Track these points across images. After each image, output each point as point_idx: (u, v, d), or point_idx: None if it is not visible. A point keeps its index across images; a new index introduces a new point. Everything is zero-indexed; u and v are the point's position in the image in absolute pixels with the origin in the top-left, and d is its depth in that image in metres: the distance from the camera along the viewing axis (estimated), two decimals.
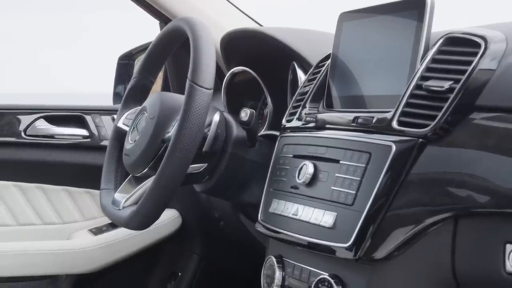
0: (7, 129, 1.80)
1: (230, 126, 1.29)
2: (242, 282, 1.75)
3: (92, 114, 1.84)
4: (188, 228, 1.82)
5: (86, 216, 1.83)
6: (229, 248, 1.74)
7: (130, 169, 1.29)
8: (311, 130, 1.14)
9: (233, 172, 1.28)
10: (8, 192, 1.76)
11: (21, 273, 1.69)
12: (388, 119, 0.97)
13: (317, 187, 1.05)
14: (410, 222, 0.93)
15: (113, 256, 1.75)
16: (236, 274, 1.78)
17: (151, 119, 1.24)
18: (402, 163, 0.93)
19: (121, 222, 1.24)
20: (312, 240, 1.02)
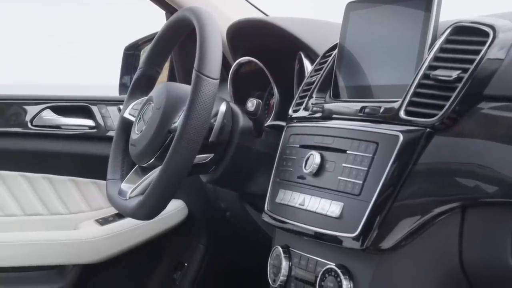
0: (14, 120, 1.80)
1: (237, 116, 1.29)
2: (248, 272, 1.75)
3: (98, 104, 1.84)
4: (194, 219, 1.82)
5: (92, 206, 1.83)
6: (235, 238, 1.74)
7: (136, 159, 1.29)
8: (318, 120, 1.13)
9: (240, 163, 1.28)
10: (14, 183, 1.76)
11: (27, 263, 1.69)
12: (396, 109, 0.97)
13: (324, 177, 1.05)
14: (418, 212, 0.93)
15: (119, 246, 1.76)
16: (242, 264, 1.78)
17: (157, 109, 1.24)
18: (410, 153, 0.93)
19: (128, 212, 1.24)
20: (319, 230, 1.02)
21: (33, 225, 1.77)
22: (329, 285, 1.00)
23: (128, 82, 1.87)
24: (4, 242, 1.67)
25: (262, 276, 1.27)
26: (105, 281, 1.83)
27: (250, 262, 1.74)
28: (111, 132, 1.81)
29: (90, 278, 1.80)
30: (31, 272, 1.73)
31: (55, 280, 1.74)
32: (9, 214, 1.76)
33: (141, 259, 1.84)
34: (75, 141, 1.83)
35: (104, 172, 1.36)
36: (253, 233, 1.53)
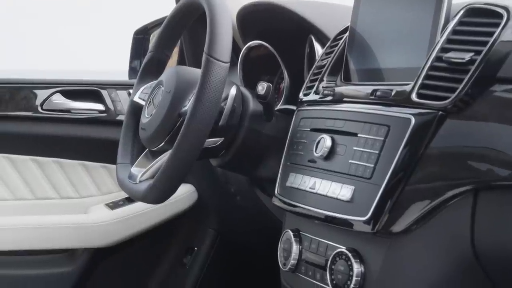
0: (24, 104, 1.80)
1: (247, 100, 1.28)
2: (258, 256, 1.75)
3: (108, 88, 1.84)
4: (204, 203, 1.82)
5: (102, 190, 1.84)
6: (245, 223, 1.74)
7: (146, 143, 1.29)
8: (329, 103, 1.13)
9: (250, 147, 1.27)
10: (25, 166, 1.77)
11: (38, 246, 1.70)
12: (407, 92, 0.96)
13: (334, 160, 1.04)
14: (429, 196, 0.92)
15: (129, 230, 1.76)
16: (252, 248, 1.78)
17: (167, 93, 1.23)
18: (422, 136, 0.92)
19: (138, 196, 1.24)
20: (330, 213, 1.02)
21: (43, 209, 1.78)
22: (339, 269, 1.00)
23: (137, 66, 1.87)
24: (15, 225, 1.68)
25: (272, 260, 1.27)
26: (115, 265, 1.84)
27: (260, 246, 1.74)
28: (121, 116, 1.81)
29: (100, 262, 1.81)
30: (41, 255, 1.73)
31: (66, 263, 1.75)
32: (20, 198, 1.77)
33: (151, 243, 1.85)
34: (85, 125, 1.83)
35: (114, 157, 1.36)
36: (263, 217, 1.53)
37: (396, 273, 0.96)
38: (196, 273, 1.81)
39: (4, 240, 1.67)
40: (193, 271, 1.81)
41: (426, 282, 0.95)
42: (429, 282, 0.95)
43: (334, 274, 1.01)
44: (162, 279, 1.87)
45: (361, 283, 0.98)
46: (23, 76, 1.86)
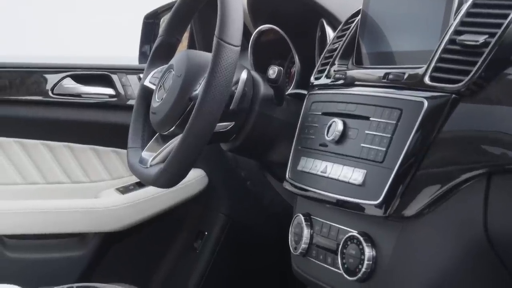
0: (35, 88, 1.80)
1: (258, 84, 1.28)
2: (268, 241, 1.76)
3: (118, 73, 1.84)
4: (215, 188, 1.83)
5: (113, 175, 1.84)
6: (256, 207, 1.74)
7: (157, 128, 1.29)
8: (340, 87, 1.12)
9: (260, 131, 1.27)
10: (36, 151, 1.77)
11: (49, 230, 1.71)
12: (420, 75, 0.95)
13: (346, 144, 1.04)
14: (442, 179, 0.92)
15: (140, 215, 1.77)
16: (262, 233, 1.78)
17: (178, 77, 1.23)
18: (434, 120, 0.92)
19: (149, 180, 1.24)
20: (341, 197, 1.02)
21: (54, 193, 1.78)
22: (351, 253, 1.00)
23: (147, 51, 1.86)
24: (27, 209, 1.69)
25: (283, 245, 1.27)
26: (126, 249, 1.84)
27: (271, 230, 1.74)
28: (131, 101, 1.81)
29: (111, 246, 1.81)
30: (52, 239, 1.74)
31: (77, 247, 1.75)
32: (31, 182, 1.77)
33: (162, 227, 1.85)
34: (96, 110, 1.83)
35: (125, 141, 1.36)
36: (273, 202, 1.53)
37: (407, 257, 0.96)
38: (206, 257, 1.81)
39: (15, 224, 1.68)
40: (203, 256, 1.82)
41: (438, 267, 0.94)
42: (441, 266, 0.94)
43: (345, 258, 1.01)
44: (173, 263, 1.87)
45: (373, 267, 0.98)
46: (34, 60, 1.86)
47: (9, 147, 1.75)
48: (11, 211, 1.68)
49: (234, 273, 1.81)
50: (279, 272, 1.72)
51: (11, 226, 1.68)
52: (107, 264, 1.81)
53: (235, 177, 1.68)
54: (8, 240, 1.70)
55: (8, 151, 1.75)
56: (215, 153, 1.67)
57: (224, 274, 1.82)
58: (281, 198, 1.43)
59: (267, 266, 1.78)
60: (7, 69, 1.80)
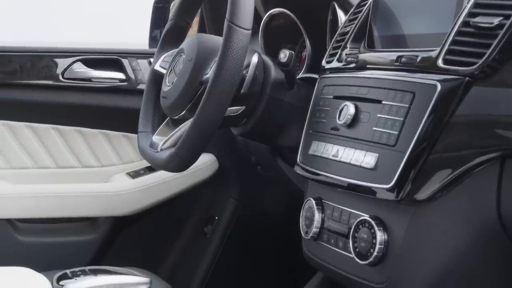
0: (45, 72, 1.80)
1: (269, 68, 1.27)
2: (279, 225, 1.75)
3: (129, 57, 1.83)
4: (225, 173, 1.82)
5: (123, 159, 1.84)
6: (266, 192, 1.74)
7: (167, 112, 1.29)
8: (352, 70, 1.11)
9: (271, 115, 1.27)
10: (47, 135, 1.77)
11: (60, 214, 1.71)
12: (434, 58, 0.94)
13: (358, 128, 1.03)
14: (455, 163, 0.91)
15: (150, 199, 1.77)
16: (272, 218, 1.78)
17: (188, 61, 1.22)
18: (447, 103, 0.91)
19: (159, 165, 1.24)
20: (353, 181, 1.01)
21: (65, 177, 1.78)
22: (362, 237, 1.00)
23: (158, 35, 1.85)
24: (38, 194, 1.69)
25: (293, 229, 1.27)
26: (136, 233, 1.85)
27: (281, 215, 1.74)
28: (141, 85, 1.81)
29: (122, 231, 1.82)
30: (63, 223, 1.75)
31: (88, 231, 1.76)
32: (42, 166, 1.78)
33: (172, 212, 1.85)
34: (106, 94, 1.83)
35: (135, 126, 1.36)
36: (284, 186, 1.52)
37: (419, 241, 0.96)
38: (216, 242, 1.81)
39: (27, 208, 1.68)
40: (213, 240, 1.82)
41: (450, 251, 0.94)
42: (453, 250, 0.94)
43: (357, 242, 1.01)
44: (183, 248, 1.88)
45: (384, 251, 0.98)
46: (44, 45, 1.86)
47: (20, 132, 1.76)
48: (23, 195, 1.68)
49: (244, 258, 1.81)
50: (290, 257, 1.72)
51: (22, 210, 1.69)
52: (117, 248, 1.81)
53: (245, 162, 1.67)
54: (20, 224, 1.71)
55: (19, 135, 1.76)
56: (226, 138, 1.67)
57: (234, 259, 1.82)
58: (291, 183, 1.43)
59: (277, 250, 1.78)
60: (18, 53, 1.80)
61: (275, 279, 1.79)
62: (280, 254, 1.78)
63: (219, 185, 1.84)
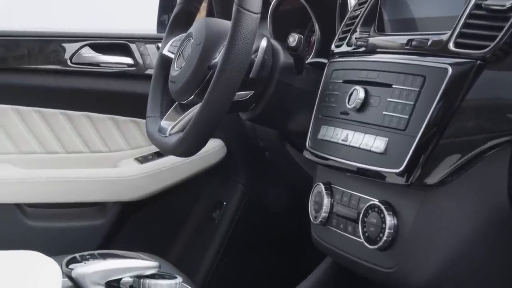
0: (53, 57, 1.80)
1: (277, 53, 1.26)
2: (287, 211, 1.75)
3: (137, 42, 1.83)
4: (233, 158, 1.82)
5: (132, 145, 1.84)
6: (274, 177, 1.74)
7: (176, 96, 1.28)
8: (362, 54, 1.11)
9: (280, 100, 1.26)
10: (55, 120, 1.77)
11: (68, 199, 1.72)
12: (445, 41, 0.93)
13: (368, 112, 1.03)
14: (465, 147, 0.91)
15: (158, 184, 1.77)
16: (281, 203, 1.78)
17: (197, 45, 1.22)
18: (459, 87, 0.90)
19: (168, 149, 1.24)
20: (362, 165, 1.01)
21: (73, 162, 1.78)
22: (372, 221, 0.99)
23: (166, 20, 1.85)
24: (46, 178, 1.69)
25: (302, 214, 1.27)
26: (144, 219, 1.85)
27: (289, 201, 1.74)
28: (149, 70, 1.80)
29: (130, 216, 1.82)
30: (72, 208, 1.75)
31: (96, 216, 1.76)
32: (51, 151, 1.78)
33: (180, 197, 1.85)
34: (114, 79, 1.83)
35: (143, 111, 1.36)
36: (292, 172, 1.52)
37: (429, 226, 0.95)
38: (225, 227, 1.81)
39: (35, 192, 1.69)
40: (222, 226, 1.82)
41: (461, 235, 0.94)
42: (464, 235, 0.93)
43: (366, 227, 1.00)
44: (191, 233, 1.88)
45: (394, 236, 0.97)
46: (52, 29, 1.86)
47: (29, 116, 1.76)
48: (31, 180, 1.69)
49: (253, 243, 1.81)
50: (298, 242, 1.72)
51: (31, 194, 1.69)
52: (126, 233, 1.82)
53: (253, 147, 1.67)
54: (28, 208, 1.71)
55: (27, 120, 1.76)
56: (234, 123, 1.66)
57: (242, 244, 1.82)
58: (300, 168, 1.43)
59: (285, 236, 1.78)
60: (26, 38, 1.80)
61: (284, 264, 1.79)
62: (288, 239, 1.78)
63: (227, 170, 1.84)
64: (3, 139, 1.74)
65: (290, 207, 1.72)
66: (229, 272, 1.80)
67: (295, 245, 1.75)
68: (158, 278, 0.97)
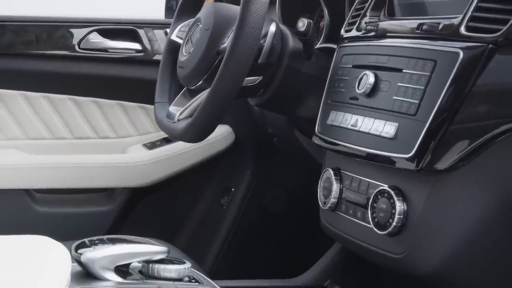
0: (61, 42, 1.80)
1: (286, 38, 1.26)
2: (295, 197, 1.75)
3: (145, 28, 1.82)
4: (241, 144, 1.82)
5: (140, 131, 1.84)
6: (283, 164, 1.74)
7: (184, 82, 1.28)
8: (372, 39, 1.10)
9: (289, 85, 1.25)
10: (64, 106, 1.77)
11: (77, 185, 1.72)
12: (456, 25, 0.93)
13: (378, 97, 1.02)
14: (476, 133, 0.90)
15: (167, 171, 1.77)
16: (289, 189, 1.78)
17: (205, 30, 1.21)
18: (470, 71, 0.89)
19: (176, 135, 1.24)
20: (372, 151, 1.00)
21: (82, 148, 1.78)
22: (381, 207, 0.99)
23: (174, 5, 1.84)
24: (55, 164, 1.70)
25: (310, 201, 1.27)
26: (152, 205, 1.85)
27: (297, 187, 1.74)
28: (157, 56, 1.80)
29: (138, 202, 1.82)
30: (80, 194, 1.75)
31: (104, 202, 1.76)
32: (59, 137, 1.78)
33: (189, 184, 1.85)
34: (122, 65, 1.82)
35: (152, 97, 1.35)
36: (301, 158, 1.51)
37: (439, 212, 0.95)
38: (233, 214, 1.81)
39: (44, 178, 1.69)
40: (230, 212, 1.82)
41: (471, 221, 0.93)
42: (474, 221, 0.93)
43: (375, 212, 1.00)
44: (199, 219, 1.88)
45: (404, 221, 0.97)
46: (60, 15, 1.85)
47: (37, 102, 1.76)
48: (40, 166, 1.69)
49: (261, 229, 1.81)
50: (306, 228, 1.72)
51: (39, 180, 1.69)
52: (134, 219, 1.82)
53: (262, 133, 1.67)
54: (37, 194, 1.71)
55: (35, 105, 1.76)
56: (242, 109, 1.66)
57: (250, 231, 1.82)
58: (308, 154, 1.42)
59: (294, 222, 1.78)
60: (34, 23, 1.79)
61: (292, 250, 1.79)
62: (296, 225, 1.78)
63: (236, 156, 1.84)
64: (11, 124, 1.74)
65: (298, 193, 1.72)
66: (238, 258, 1.80)
67: (304, 231, 1.75)
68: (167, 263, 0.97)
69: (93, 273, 0.93)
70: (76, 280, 0.92)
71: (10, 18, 1.78)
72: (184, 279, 0.98)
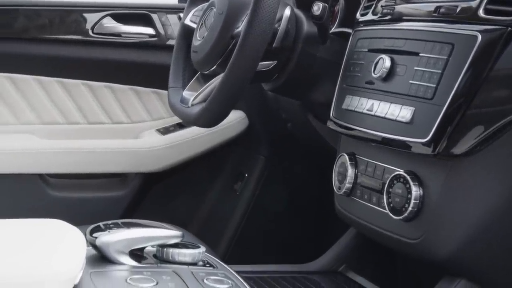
0: (75, 27, 1.79)
1: (301, 22, 1.25)
2: (309, 183, 1.75)
3: (158, 12, 1.82)
4: (255, 130, 1.81)
5: (153, 116, 1.83)
6: (296, 149, 1.73)
7: (198, 66, 1.27)
8: (388, 22, 1.09)
9: (303, 70, 1.25)
10: (77, 91, 1.77)
11: (91, 170, 1.72)
12: (474, 8, 0.92)
13: (394, 81, 1.01)
14: (494, 117, 0.89)
15: (180, 156, 1.77)
16: (303, 175, 1.77)
17: (219, 14, 1.21)
18: (488, 54, 0.88)
19: (190, 120, 1.24)
20: (388, 135, 1.00)
21: (96, 133, 1.78)
22: (397, 192, 0.98)
23: None
24: (68, 149, 1.70)
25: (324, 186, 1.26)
26: (166, 190, 1.85)
27: (311, 172, 1.73)
28: (171, 40, 1.79)
29: (152, 187, 1.82)
30: (94, 179, 1.76)
31: (118, 187, 1.77)
32: (73, 122, 1.78)
33: (202, 169, 1.85)
34: (136, 50, 1.82)
35: (165, 82, 1.35)
36: (315, 143, 1.51)
37: (456, 197, 0.94)
38: (246, 199, 1.81)
39: (57, 163, 1.69)
40: (243, 198, 1.82)
41: (488, 206, 0.92)
42: (491, 206, 0.92)
43: (391, 198, 0.99)
44: (213, 205, 1.88)
45: (420, 206, 0.96)
46: None
47: (51, 87, 1.76)
48: (54, 151, 1.69)
49: (274, 215, 1.81)
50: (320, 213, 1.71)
51: (53, 165, 1.70)
52: (147, 204, 1.82)
53: (275, 118, 1.66)
54: (51, 179, 1.72)
55: (49, 90, 1.76)
56: (256, 94, 1.65)
57: (264, 216, 1.82)
58: (322, 140, 1.42)
59: (307, 207, 1.78)
60: (47, 7, 1.79)
61: (306, 236, 1.79)
62: (310, 211, 1.77)
63: (249, 142, 1.83)
64: (25, 109, 1.74)
65: (312, 178, 1.72)
66: (251, 244, 1.80)
67: (318, 216, 1.75)
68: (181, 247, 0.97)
69: (108, 257, 0.93)
70: (91, 263, 0.92)
71: (24, 2, 1.78)
72: (199, 263, 0.98)
